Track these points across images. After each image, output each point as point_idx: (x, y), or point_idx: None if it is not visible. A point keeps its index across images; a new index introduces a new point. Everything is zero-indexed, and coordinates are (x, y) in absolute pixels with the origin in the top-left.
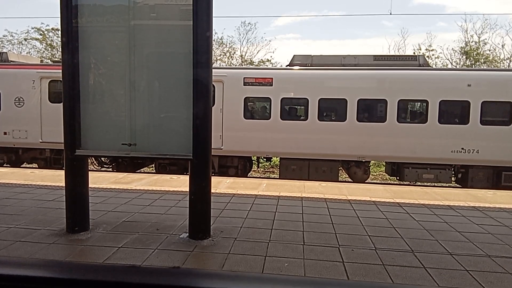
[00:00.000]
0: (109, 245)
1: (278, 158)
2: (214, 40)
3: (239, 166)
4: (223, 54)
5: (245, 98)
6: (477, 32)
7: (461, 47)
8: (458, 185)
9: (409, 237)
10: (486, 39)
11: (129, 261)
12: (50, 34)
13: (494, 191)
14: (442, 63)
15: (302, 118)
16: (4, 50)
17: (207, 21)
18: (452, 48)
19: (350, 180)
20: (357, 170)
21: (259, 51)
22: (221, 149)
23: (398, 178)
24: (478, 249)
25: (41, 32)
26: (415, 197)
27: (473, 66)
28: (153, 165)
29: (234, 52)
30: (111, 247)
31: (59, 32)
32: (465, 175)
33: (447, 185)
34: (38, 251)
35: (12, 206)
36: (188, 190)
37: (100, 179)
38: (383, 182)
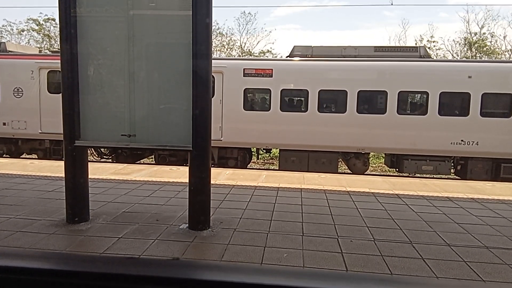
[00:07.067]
0: (109, 235)
1: (278, 149)
2: (213, 31)
3: (239, 157)
4: (222, 45)
5: (245, 90)
6: (479, 23)
7: (465, 37)
8: (457, 177)
9: (407, 229)
10: (493, 32)
11: (129, 251)
12: (47, 24)
13: (493, 183)
14: (442, 55)
15: (302, 109)
16: (2, 40)
17: (206, 9)
18: (454, 40)
19: (349, 171)
20: (357, 161)
21: (259, 42)
22: (221, 140)
23: (397, 169)
24: (476, 241)
25: (38, 23)
26: (414, 188)
27: (477, 57)
28: (153, 156)
29: (234, 44)
30: (111, 237)
31: (56, 22)
32: (465, 167)
33: (446, 177)
34: (38, 241)
35: (12, 197)
36: (187, 181)
37: (99, 170)
38: (382, 173)
